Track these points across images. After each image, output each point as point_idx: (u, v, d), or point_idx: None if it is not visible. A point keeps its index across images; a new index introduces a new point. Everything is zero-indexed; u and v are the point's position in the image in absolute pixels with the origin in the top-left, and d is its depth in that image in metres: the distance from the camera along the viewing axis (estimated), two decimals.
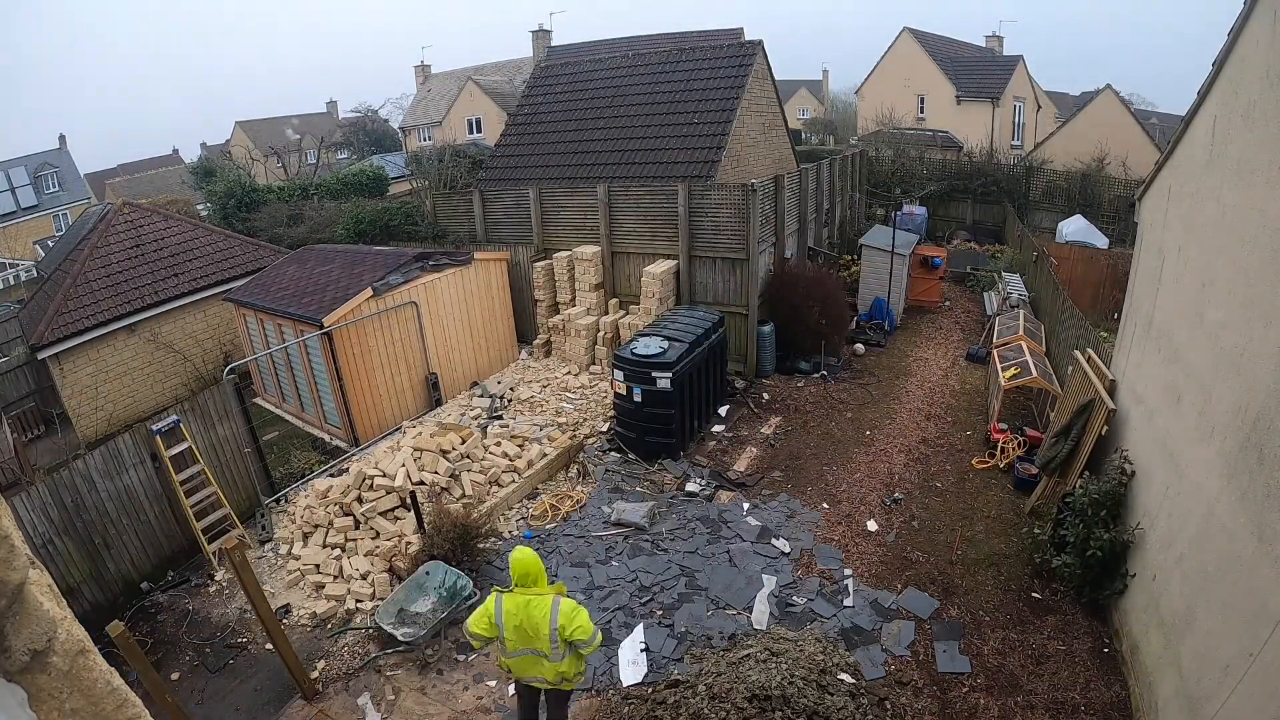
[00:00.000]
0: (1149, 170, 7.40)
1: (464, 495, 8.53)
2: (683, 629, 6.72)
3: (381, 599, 7.18)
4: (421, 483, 8.37)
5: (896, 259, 14.59)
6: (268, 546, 8.50)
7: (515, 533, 8.41)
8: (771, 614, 6.86)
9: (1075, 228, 19.20)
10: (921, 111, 33.03)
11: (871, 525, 8.19)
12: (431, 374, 11.75)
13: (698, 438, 10.30)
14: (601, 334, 12.81)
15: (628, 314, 12.79)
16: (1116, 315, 9.26)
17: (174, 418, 8.28)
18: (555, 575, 7.51)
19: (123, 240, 14.09)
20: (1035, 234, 19.00)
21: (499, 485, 9.03)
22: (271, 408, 12.54)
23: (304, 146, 38.43)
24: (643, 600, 7.13)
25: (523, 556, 4.63)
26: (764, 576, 7.36)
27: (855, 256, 16.54)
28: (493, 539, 7.93)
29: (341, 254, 12.62)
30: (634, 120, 16.11)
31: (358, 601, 7.30)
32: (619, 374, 9.60)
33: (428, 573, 7.14)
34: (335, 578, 7.64)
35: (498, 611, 4.62)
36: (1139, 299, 7.41)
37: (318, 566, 7.80)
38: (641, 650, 6.46)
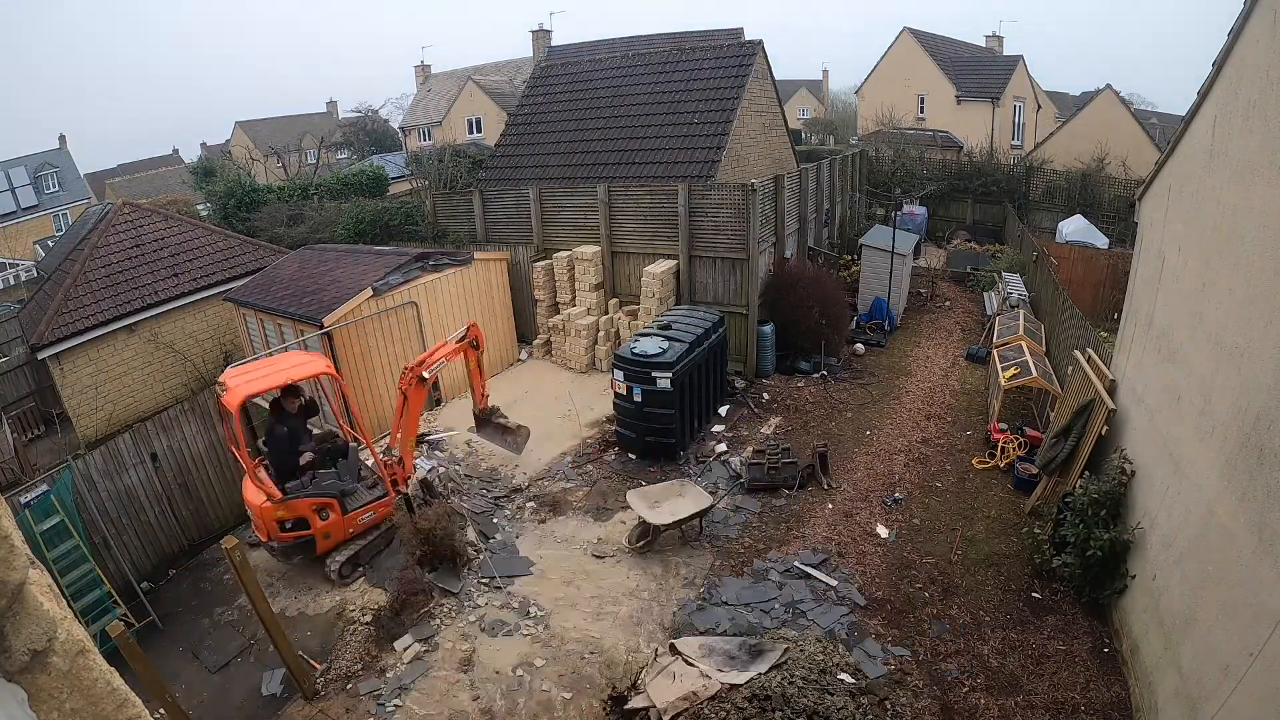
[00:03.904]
0: (1149, 170, 7.41)
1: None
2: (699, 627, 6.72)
3: None
4: None
5: (897, 259, 14.59)
6: None
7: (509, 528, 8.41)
8: (773, 614, 6.86)
9: (1075, 228, 19.20)
10: (921, 111, 33.01)
11: (872, 525, 8.19)
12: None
13: (698, 438, 10.30)
14: (601, 334, 12.81)
15: (627, 314, 12.80)
16: (1116, 315, 9.26)
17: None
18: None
19: (123, 240, 14.08)
20: (1035, 234, 19.00)
21: None
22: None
23: (304, 146, 38.41)
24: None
25: None
26: (769, 577, 7.36)
27: (855, 256, 16.54)
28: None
29: (341, 254, 12.61)
30: (634, 120, 16.10)
31: None
32: (619, 374, 9.60)
33: None
34: None
35: None
36: (1139, 299, 7.41)
37: None
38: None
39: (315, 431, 8.08)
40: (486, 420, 9.47)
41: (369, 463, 7.89)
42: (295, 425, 7.48)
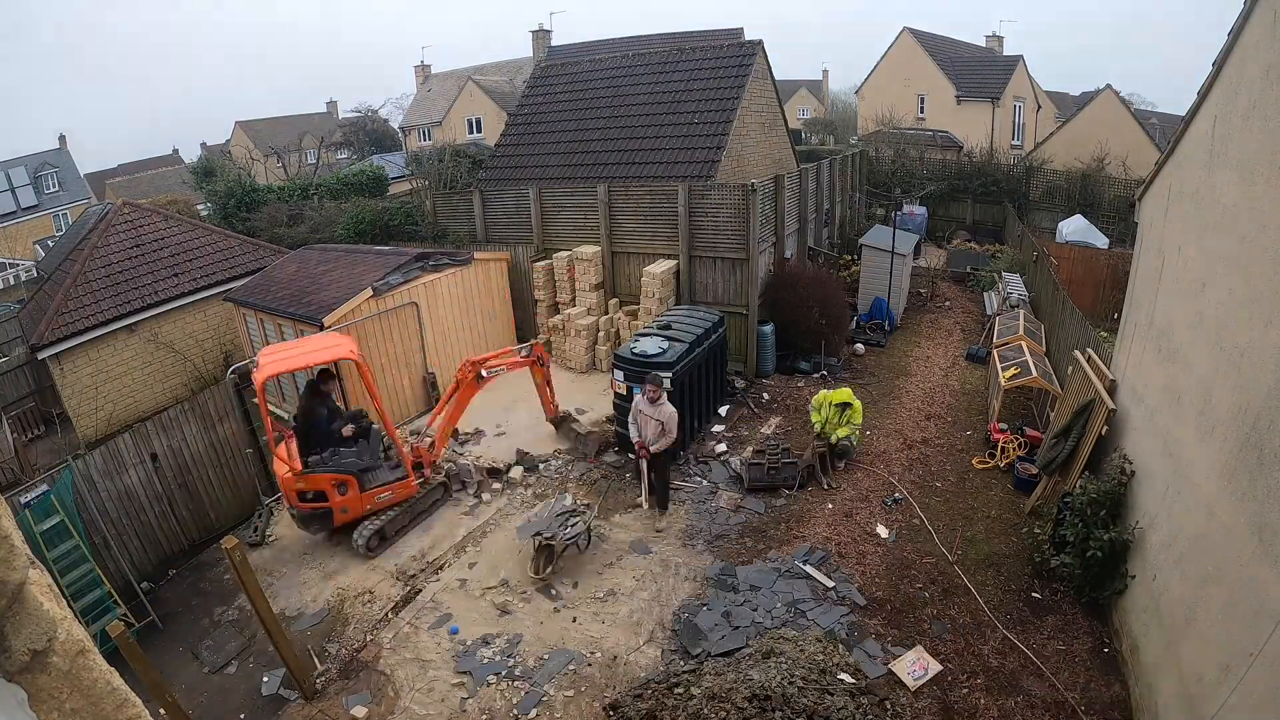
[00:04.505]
0: (1149, 170, 7.41)
1: None
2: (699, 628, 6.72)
3: None
4: None
5: (897, 259, 14.59)
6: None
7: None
8: (774, 614, 6.86)
9: (1075, 228, 19.21)
10: (921, 111, 33.01)
11: (872, 525, 8.19)
12: (430, 373, 11.76)
13: (698, 438, 10.30)
14: (601, 334, 12.81)
15: (627, 314, 12.80)
16: (1116, 315, 9.26)
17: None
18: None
19: (123, 240, 14.08)
20: (1035, 234, 19.00)
21: None
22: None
23: (304, 146, 38.41)
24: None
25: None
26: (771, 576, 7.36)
27: (855, 256, 16.54)
28: None
29: (341, 254, 12.61)
30: (634, 120, 16.10)
31: None
32: (619, 374, 9.59)
33: None
34: None
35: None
36: (1139, 299, 7.41)
37: None
38: None
39: (346, 410, 8.61)
40: (560, 424, 10.25)
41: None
42: (331, 404, 8.07)
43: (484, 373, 8.48)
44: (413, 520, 8.37)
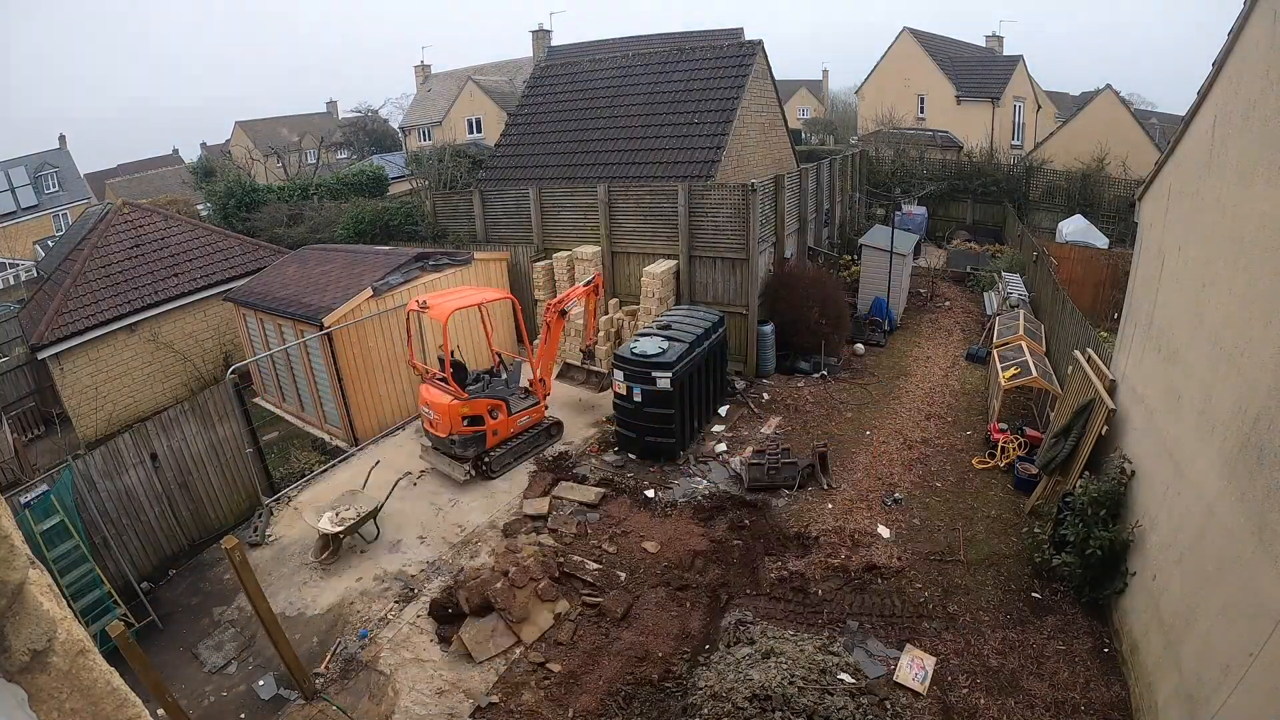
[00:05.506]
0: (1149, 170, 7.41)
1: None
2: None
3: None
4: None
5: (896, 259, 14.59)
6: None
7: None
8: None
9: (1075, 228, 19.21)
10: (921, 111, 33.00)
11: (872, 525, 8.19)
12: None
13: (698, 438, 10.30)
14: (601, 334, 12.81)
15: (627, 314, 12.79)
16: (1116, 315, 9.26)
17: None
18: None
19: (123, 240, 14.08)
20: (1035, 234, 19.00)
21: None
22: (271, 408, 12.54)
23: (304, 146, 38.39)
24: None
25: None
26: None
27: (855, 256, 16.54)
28: None
29: (341, 254, 12.61)
30: (634, 120, 16.11)
31: None
32: (619, 374, 9.60)
33: None
34: None
35: None
36: (1139, 299, 7.41)
37: None
38: None
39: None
40: (589, 354, 11.75)
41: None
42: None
43: (565, 309, 10.16)
44: (530, 451, 9.82)
